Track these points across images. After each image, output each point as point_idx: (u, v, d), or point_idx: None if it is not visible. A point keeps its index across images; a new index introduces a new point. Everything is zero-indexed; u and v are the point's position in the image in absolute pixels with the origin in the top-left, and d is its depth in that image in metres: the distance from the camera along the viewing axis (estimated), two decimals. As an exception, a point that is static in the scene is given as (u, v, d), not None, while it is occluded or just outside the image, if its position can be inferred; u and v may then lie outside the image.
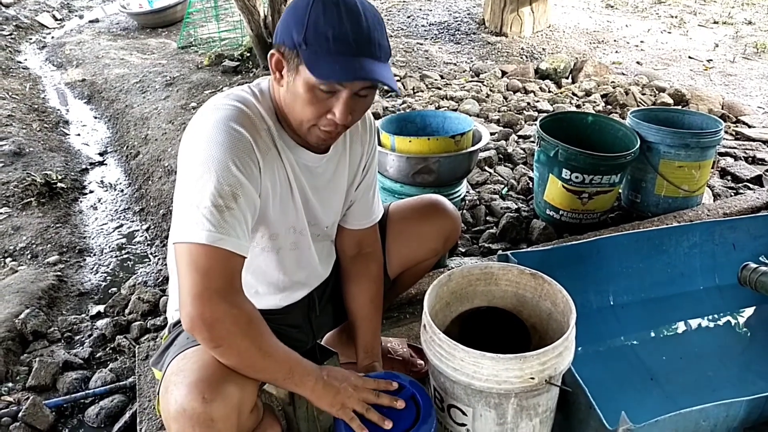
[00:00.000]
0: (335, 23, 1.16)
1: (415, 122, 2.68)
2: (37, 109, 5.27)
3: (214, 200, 1.15)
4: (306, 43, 1.17)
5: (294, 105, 1.25)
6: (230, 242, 1.16)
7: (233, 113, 1.24)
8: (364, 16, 1.18)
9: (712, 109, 4.48)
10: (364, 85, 1.22)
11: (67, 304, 2.78)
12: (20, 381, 2.27)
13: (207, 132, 1.21)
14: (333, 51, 1.16)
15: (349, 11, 1.17)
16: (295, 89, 1.22)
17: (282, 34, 1.21)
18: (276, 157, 1.32)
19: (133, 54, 6.46)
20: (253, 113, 1.28)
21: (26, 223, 3.36)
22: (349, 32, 1.17)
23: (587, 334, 1.95)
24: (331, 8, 1.17)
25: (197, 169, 1.18)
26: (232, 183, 1.17)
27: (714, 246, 2.23)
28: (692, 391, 1.86)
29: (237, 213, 1.18)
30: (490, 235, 2.91)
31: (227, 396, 1.18)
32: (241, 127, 1.23)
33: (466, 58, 6.07)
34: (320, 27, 1.16)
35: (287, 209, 1.40)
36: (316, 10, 1.17)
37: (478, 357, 1.31)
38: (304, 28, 1.17)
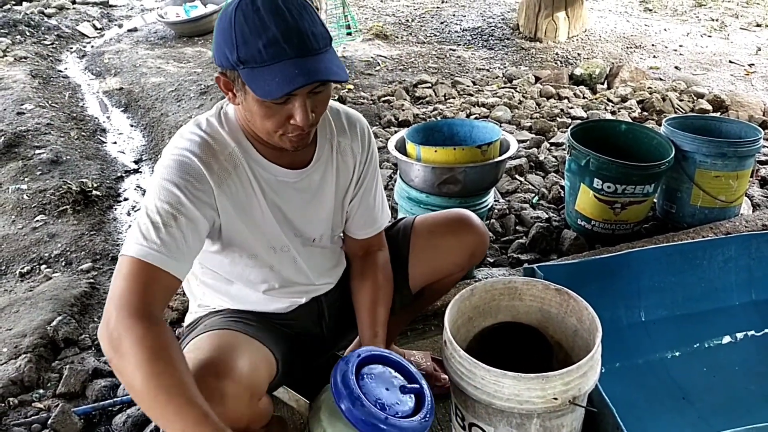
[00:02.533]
0: (260, 30, 1.13)
1: (442, 131, 2.66)
2: (75, 117, 5.39)
3: (152, 217, 1.19)
4: (241, 61, 1.15)
5: (254, 121, 1.26)
6: (158, 258, 1.15)
7: (190, 143, 1.28)
8: (286, 10, 1.14)
9: (753, 115, 4.35)
10: (313, 84, 1.19)
11: (99, 312, 2.81)
12: (51, 388, 2.30)
13: (162, 160, 1.27)
14: (268, 60, 1.14)
15: (269, 11, 1.13)
16: (249, 107, 1.23)
17: (219, 56, 1.20)
18: (240, 180, 1.33)
19: (170, 63, 6.56)
20: (215, 139, 1.30)
21: (61, 230, 3.42)
22: (278, 34, 1.13)
23: (617, 351, 1.91)
24: (252, 15, 1.13)
25: (150, 190, 1.25)
26: (171, 202, 1.21)
27: (750, 260, 2.16)
28: (726, 411, 1.80)
29: (174, 232, 1.18)
30: (520, 245, 2.87)
31: (239, 375, 1.23)
32: (192, 155, 1.25)
33: (499, 64, 6.02)
34: (248, 40, 1.14)
35: (259, 229, 1.40)
36: (239, 22, 1.14)
37: (499, 376, 1.28)
38: (235, 46, 1.14)
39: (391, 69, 5.91)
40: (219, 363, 1.23)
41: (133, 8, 9.37)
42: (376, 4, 8.33)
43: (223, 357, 1.25)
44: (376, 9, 8.09)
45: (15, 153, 4.30)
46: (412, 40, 6.92)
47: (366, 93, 5.17)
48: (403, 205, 2.55)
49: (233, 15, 1.15)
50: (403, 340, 2.16)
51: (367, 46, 6.60)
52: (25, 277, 3.05)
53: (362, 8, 8.08)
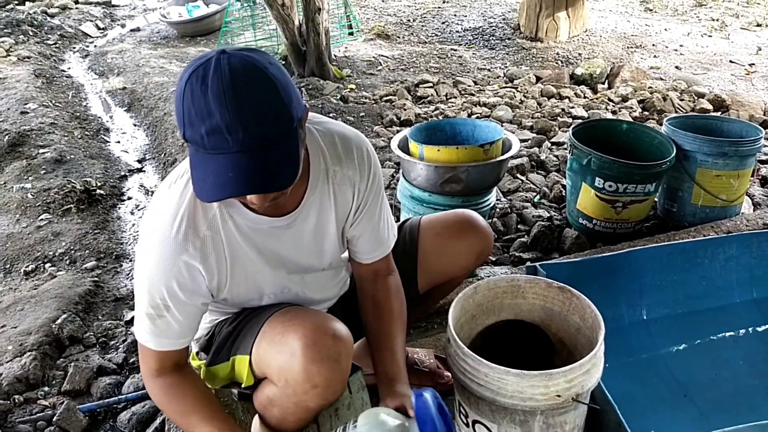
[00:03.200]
0: (205, 113, 1.01)
1: (444, 130, 2.67)
2: (78, 116, 5.40)
3: (146, 309, 1.27)
4: (187, 140, 1.06)
5: None
6: (158, 343, 1.30)
7: (172, 229, 1.23)
8: (234, 94, 1.00)
9: (754, 115, 4.36)
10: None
11: (103, 310, 2.83)
12: (56, 385, 2.32)
13: (144, 246, 1.26)
14: (210, 149, 1.04)
15: (217, 95, 1.00)
16: None
17: (177, 121, 1.09)
18: (228, 242, 1.29)
19: (173, 62, 6.58)
20: (195, 211, 1.24)
21: (66, 229, 3.44)
22: (221, 123, 1.00)
23: (619, 349, 1.91)
24: (199, 96, 1.01)
25: (137, 278, 1.29)
26: (162, 296, 1.26)
27: (751, 259, 2.17)
28: (728, 409, 1.81)
29: (168, 319, 1.28)
30: (521, 244, 2.88)
31: (348, 336, 1.31)
32: (178, 246, 1.22)
33: (500, 64, 6.03)
34: (194, 122, 1.03)
35: (259, 282, 1.40)
36: (186, 99, 1.03)
37: (502, 373, 1.29)
38: (182, 122, 1.05)
39: (392, 69, 5.93)
40: (326, 326, 1.28)
41: (136, 8, 9.39)
42: (377, 4, 8.34)
43: (324, 320, 1.30)
44: (377, 9, 8.10)
45: (19, 152, 4.32)
46: (413, 40, 6.93)
47: (368, 93, 5.19)
48: (406, 204, 2.57)
49: (183, 89, 1.03)
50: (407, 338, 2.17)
51: (369, 46, 6.62)
52: (30, 275, 3.06)
53: (364, 8, 8.09)
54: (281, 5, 5.19)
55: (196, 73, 1.02)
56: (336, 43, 6.42)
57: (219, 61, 1.02)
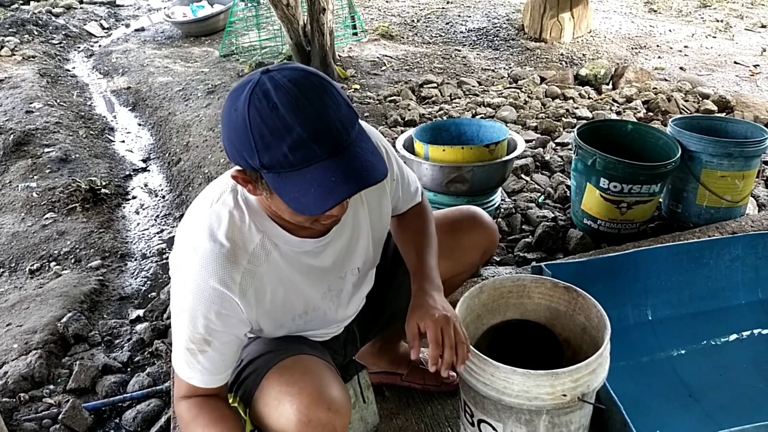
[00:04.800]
0: (283, 131, 0.98)
1: (449, 131, 2.67)
2: (83, 116, 5.42)
3: (187, 345, 1.21)
4: (264, 167, 1.01)
5: (282, 214, 1.16)
6: (198, 380, 1.24)
7: (214, 264, 1.17)
8: (307, 102, 0.99)
9: (758, 116, 4.35)
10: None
11: (108, 308, 2.85)
12: (61, 384, 2.33)
13: (184, 280, 1.20)
14: (297, 165, 0.99)
15: (289, 107, 0.98)
16: (276, 205, 1.12)
17: (233, 155, 1.05)
18: (271, 272, 1.25)
19: (177, 62, 6.59)
20: (235, 243, 1.19)
21: (71, 228, 3.45)
22: (303, 134, 0.98)
23: (624, 349, 1.91)
24: (270, 115, 0.98)
25: (176, 311, 1.22)
26: (204, 330, 1.19)
27: (757, 259, 2.17)
28: (733, 409, 1.81)
29: (210, 354, 1.22)
30: (526, 245, 2.88)
31: (345, 404, 1.27)
32: (215, 281, 1.17)
33: (505, 65, 6.03)
34: (271, 144, 0.98)
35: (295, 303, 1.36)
36: (256, 124, 0.98)
37: (508, 372, 1.29)
38: (255, 149, 1.00)
39: (396, 69, 5.93)
40: (322, 397, 1.23)
41: (140, 8, 9.41)
42: (381, 4, 8.34)
43: (321, 388, 1.25)
44: (381, 9, 8.10)
45: (24, 151, 4.34)
46: (417, 40, 6.93)
47: (372, 93, 5.19)
48: (411, 204, 2.57)
49: (246, 114, 0.99)
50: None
51: (373, 47, 6.62)
52: (35, 274, 3.07)
53: (368, 9, 8.09)
54: (286, 5, 5.20)
55: (254, 96, 0.99)
56: (340, 44, 6.42)
57: (273, 78, 1.00)
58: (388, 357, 1.88)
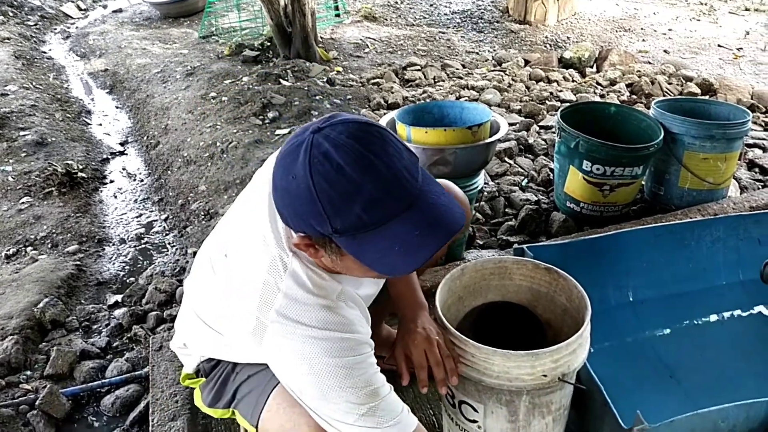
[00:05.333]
0: (354, 192, 0.92)
1: (432, 113, 2.64)
2: (60, 99, 5.32)
3: (361, 411, 1.09)
4: (337, 232, 0.95)
5: (350, 272, 1.11)
6: (400, 429, 1.14)
7: (319, 320, 1.10)
8: (371, 155, 0.94)
9: (741, 98, 4.37)
10: None
11: (86, 294, 2.80)
12: (38, 369, 2.29)
13: (309, 353, 1.09)
14: (373, 225, 0.94)
15: (355, 165, 0.93)
16: (346, 264, 1.06)
17: (296, 223, 1.00)
18: (356, 305, 1.21)
19: (155, 44, 6.48)
20: (325, 295, 1.13)
21: (47, 212, 3.39)
22: (375, 192, 0.93)
23: (605, 330, 1.92)
24: (336, 175, 0.92)
25: (326, 395, 1.09)
26: (364, 384, 1.10)
27: (738, 241, 2.17)
28: (713, 389, 1.82)
29: (386, 400, 1.13)
30: (509, 228, 2.87)
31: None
32: (336, 331, 1.10)
33: (489, 47, 6.00)
34: (341, 208, 0.93)
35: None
36: (322, 190, 0.93)
37: (489, 353, 1.28)
38: (324, 216, 0.94)
39: (380, 51, 5.88)
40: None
41: (118, -12, 9.25)
42: (364, -14, 8.26)
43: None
44: (364, -9, 8.03)
45: (-1, 134, 4.25)
46: (401, 22, 6.87)
47: (355, 75, 5.14)
48: (393, 187, 2.54)
49: (310, 180, 0.93)
50: (393, 320, 2.16)
51: (356, 29, 6.55)
52: (11, 259, 3.02)
53: (351, -10, 8.01)
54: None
55: (314, 160, 0.93)
56: (322, 25, 6.35)
57: (329, 137, 0.95)
58: (370, 340, 1.87)
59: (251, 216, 1.22)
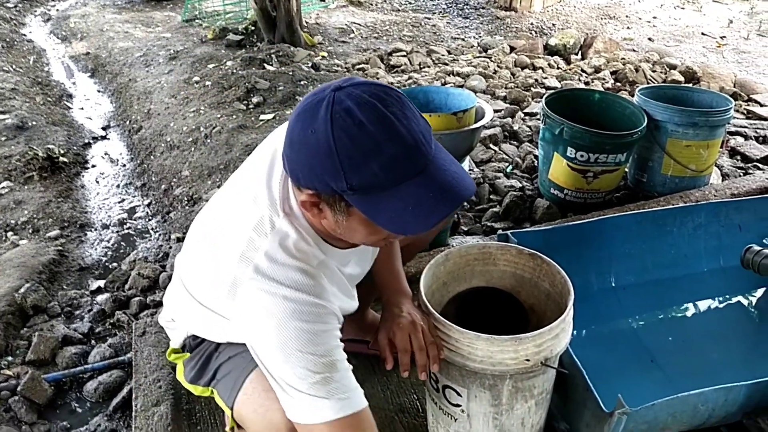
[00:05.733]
0: (374, 149, 0.93)
1: (417, 98, 2.64)
2: (40, 82, 5.24)
3: (314, 379, 1.09)
4: (352, 189, 0.96)
5: (351, 237, 1.11)
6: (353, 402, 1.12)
7: (293, 282, 1.10)
8: (393, 117, 0.94)
9: (724, 87, 4.40)
10: None
11: (68, 279, 2.77)
12: (20, 355, 2.27)
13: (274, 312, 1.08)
14: (389, 185, 0.95)
15: (377, 124, 0.93)
16: (350, 226, 1.06)
17: (308, 179, 0.99)
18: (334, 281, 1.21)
19: (138, 27, 6.40)
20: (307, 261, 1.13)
21: (28, 197, 3.35)
22: (394, 152, 0.94)
23: (588, 315, 1.93)
24: (358, 132, 0.93)
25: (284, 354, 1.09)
26: (323, 353, 1.10)
27: (719, 227, 2.19)
28: (694, 374, 1.84)
29: (342, 371, 1.12)
30: (494, 214, 2.88)
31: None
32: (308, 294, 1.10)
33: (474, 33, 5.98)
34: (360, 164, 0.94)
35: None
36: (341, 143, 0.93)
37: (472, 338, 1.29)
38: (341, 171, 0.94)
39: (365, 37, 5.85)
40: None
41: (100, -30, 9.09)
42: (350, -30, 8.19)
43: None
44: (350, -25, 7.96)
45: (-22, 118, 4.18)
46: (386, 7, 6.83)
47: (340, 60, 5.11)
48: (378, 172, 2.54)
49: (331, 135, 0.93)
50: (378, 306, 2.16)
51: (341, 13, 6.51)
52: (-9, 244, 2.98)
53: (336, -26, 7.94)
54: (251, -31, 5.07)
55: (337, 115, 0.94)
56: (307, 9, 6.30)
57: (351, 95, 0.95)
58: (355, 324, 1.87)
59: (245, 186, 1.22)
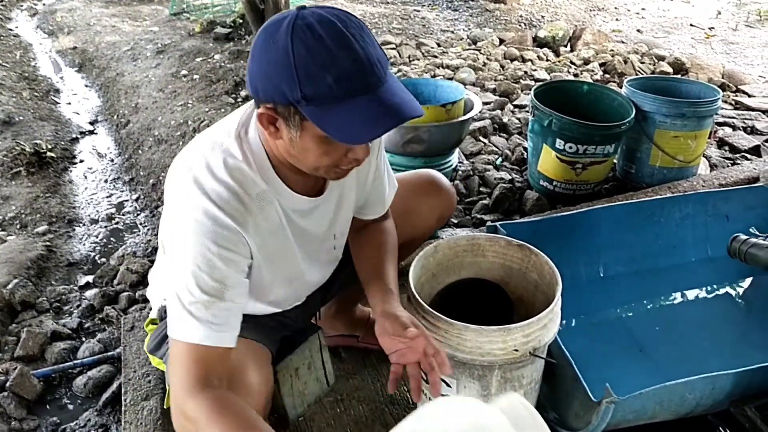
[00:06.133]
0: (328, 63, 0.97)
1: (406, 91, 2.64)
2: (27, 77, 5.20)
3: (196, 295, 1.10)
4: (306, 99, 0.99)
5: (305, 158, 1.12)
6: (214, 338, 1.11)
7: (218, 197, 1.11)
8: (351, 37, 0.99)
9: (712, 77, 4.41)
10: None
11: (56, 275, 2.76)
12: (8, 351, 2.26)
13: (190, 222, 1.11)
14: (340, 97, 0.99)
15: (335, 40, 0.98)
16: (304, 145, 1.08)
17: (266, 90, 1.02)
18: (268, 222, 1.21)
19: (125, 21, 6.36)
20: (241, 183, 1.14)
21: (15, 192, 3.32)
22: (348, 67, 0.98)
23: (577, 306, 1.94)
24: (316, 46, 0.97)
25: (180, 264, 1.11)
26: (214, 276, 1.11)
27: (707, 217, 2.21)
28: (682, 363, 1.85)
29: (223, 305, 1.12)
30: (483, 207, 2.88)
31: (256, 391, 1.23)
32: (224, 214, 1.11)
33: (464, 26, 5.98)
34: (315, 75, 0.97)
35: (285, 264, 1.32)
36: (300, 55, 0.97)
37: (461, 329, 1.29)
38: (296, 81, 0.98)
39: (354, 29, 5.82)
40: (233, 381, 1.18)
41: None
42: (339, -37, 8.16)
43: (236, 373, 1.21)
44: (339, -32, 7.92)
45: (-37, 113, 4.15)
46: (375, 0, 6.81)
47: (329, 54, 5.09)
48: (367, 165, 2.54)
49: (290, 46, 0.97)
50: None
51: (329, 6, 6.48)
52: (-22, 240, 2.96)
53: (325, -33, 7.91)
54: (239, -38, 5.04)
55: (298, 29, 0.98)
56: (295, 2, 6.26)
57: (314, 13, 1.01)
58: (345, 320, 1.88)
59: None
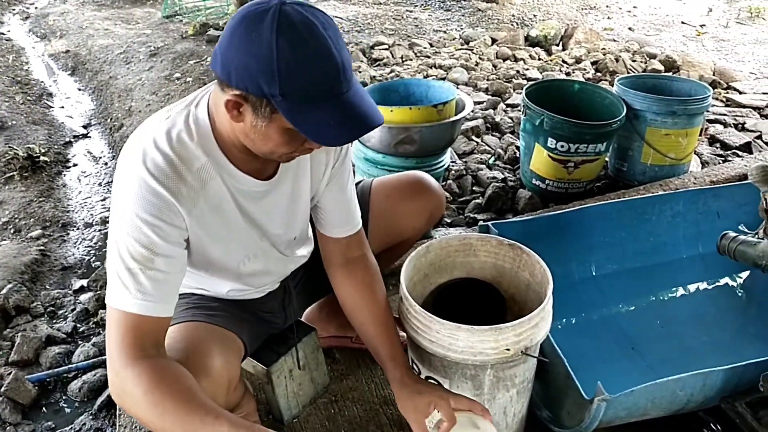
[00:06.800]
0: (310, 64, 1.01)
1: (398, 91, 2.64)
2: (20, 81, 5.19)
3: (127, 264, 1.11)
4: (282, 95, 1.01)
5: (263, 144, 1.13)
6: (143, 307, 1.11)
7: (155, 167, 1.12)
8: (330, 40, 1.02)
9: (703, 75, 4.44)
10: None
11: (50, 279, 2.76)
12: (3, 356, 2.26)
13: (126, 188, 1.12)
14: (316, 98, 1.03)
15: (317, 42, 1.01)
16: (266, 133, 1.10)
17: (241, 79, 1.03)
18: (211, 197, 1.21)
19: (118, 24, 6.34)
20: (181, 156, 1.15)
21: (9, 197, 3.32)
22: (327, 70, 1.02)
23: (569, 304, 1.95)
24: (299, 45, 1.00)
25: (114, 230, 1.13)
26: (145, 244, 1.11)
27: (698, 214, 2.21)
28: (674, 360, 1.86)
29: (154, 275, 1.12)
30: (476, 206, 2.89)
31: (216, 373, 1.22)
32: (159, 184, 1.11)
33: (456, 26, 5.98)
34: (295, 73, 1.00)
35: (232, 244, 1.32)
36: (283, 51, 0.99)
37: (453, 329, 1.30)
38: (276, 76, 1.00)
39: (347, 30, 5.83)
40: (194, 363, 1.18)
41: (78, -33, 8.98)
42: (331, -37, 8.15)
43: (196, 356, 1.21)
44: (331, -31, 7.92)
45: (-44, 118, 4.14)
46: (368, 0, 6.82)
47: (322, 55, 5.09)
48: (360, 166, 2.54)
49: (274, 41, 0.99)
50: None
51: (323, 7, 6.47)
52: (-28, 245, 2.95)
53: (317, -32, 7.91)
54: (231, -36, 5.04)
55: (282, 27, 1.00)
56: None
57: (297, 11, 1.02)
58: (337, 321, 1.88)
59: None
